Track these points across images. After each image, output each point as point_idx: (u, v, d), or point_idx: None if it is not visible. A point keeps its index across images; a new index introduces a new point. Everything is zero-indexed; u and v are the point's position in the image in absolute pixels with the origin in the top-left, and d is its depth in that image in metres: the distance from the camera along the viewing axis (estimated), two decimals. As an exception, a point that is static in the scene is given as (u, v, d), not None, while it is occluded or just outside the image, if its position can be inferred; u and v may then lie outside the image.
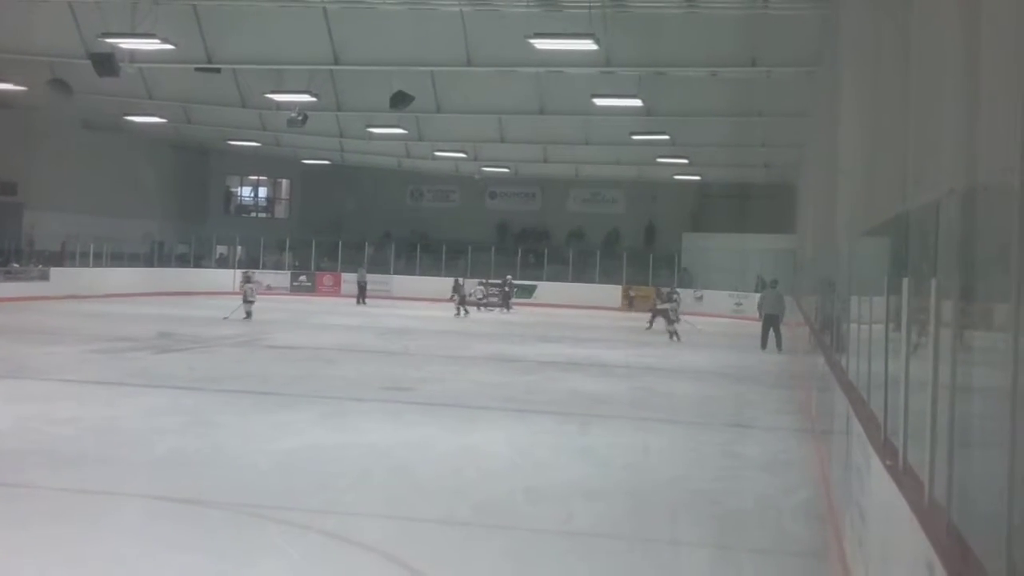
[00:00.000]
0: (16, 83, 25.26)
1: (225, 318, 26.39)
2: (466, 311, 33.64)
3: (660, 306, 28.67)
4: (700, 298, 40.15)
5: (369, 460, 10.10)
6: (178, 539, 7.15)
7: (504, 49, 20.25)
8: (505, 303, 37.92)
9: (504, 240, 47.06)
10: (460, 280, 35.49)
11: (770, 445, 11.84)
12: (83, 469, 9.18)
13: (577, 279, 42.52)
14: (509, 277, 38.87)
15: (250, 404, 13.41)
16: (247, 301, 27.89)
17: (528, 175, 44.23)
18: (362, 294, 38.60)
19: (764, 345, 24.73)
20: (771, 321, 25.03)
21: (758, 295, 29.57)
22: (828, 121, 13.16)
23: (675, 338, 26.13)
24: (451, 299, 33.99)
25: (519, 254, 44.12)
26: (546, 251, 44.44)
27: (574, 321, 33.05)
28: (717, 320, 35.02)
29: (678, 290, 32.96)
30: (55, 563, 6.57)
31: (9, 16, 20.64)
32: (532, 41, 17.50)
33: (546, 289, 42.37)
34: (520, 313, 36.28)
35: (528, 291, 42.37)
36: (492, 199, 49.21)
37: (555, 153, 36.95)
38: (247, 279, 29.09)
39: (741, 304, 38.57)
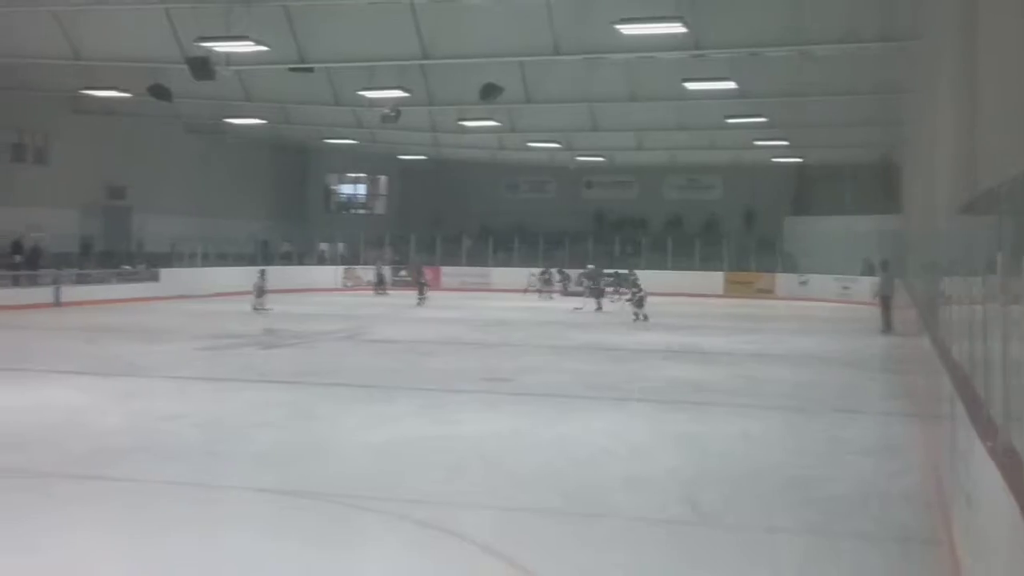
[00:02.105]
0: (119, 90, 26.06)
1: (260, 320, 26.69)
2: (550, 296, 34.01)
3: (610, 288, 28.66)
4: (805, 283, 39.41)
5: (465, 450, 10.18)
6: (277, 529, 7.32)
7: (592, 36, 20.15)
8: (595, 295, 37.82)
9: (601, 229, 46.85)
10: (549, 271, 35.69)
11: (875, 430, 11.56)
12: (189, 462, 9.46)
13: (676, 267, 42.06)
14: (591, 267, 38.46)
15: (349, 397, 13.64)
16: (260, 295, 28.66)
17: (623, 163, 43.96)
18: (381, 284, 39.72)
19: (887, 328, 24.19)
20: (886, 303, 24.59)
21: (866, 278, 28.95)
22: (927, 95, 12.76)
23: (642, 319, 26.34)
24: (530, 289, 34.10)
25: (617, 243, 43.87)
26: (643, 239, 44.09)
27: (673, 309, 32.70)
28: (823, 305, 34.35)
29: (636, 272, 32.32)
30: (159, 556, 6.78)
31: (109, 25, 21.32)
32: (619, 27, 17.36)
33: (645, 277, 41.79)
34: (621, 303, 35.99)
35: (626, 280, 42.01)
36: (588, 188, 49.05)
37: (649, 140, 36.67)
38: (262, 274, 29.72)
39: (848, 288, 37.73)
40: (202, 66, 20.20)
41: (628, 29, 17.82)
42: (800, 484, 8.92)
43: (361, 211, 51.70)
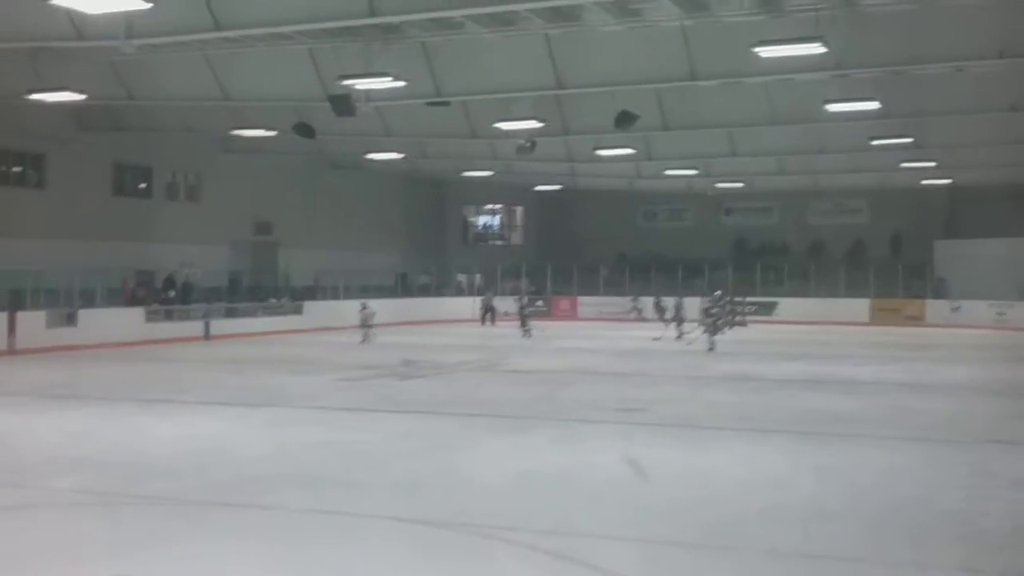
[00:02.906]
0: (266, 128, 27.16)
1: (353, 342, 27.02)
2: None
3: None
4: (957, 309, 37.99)
5: (600, 481, 10.17)
6: (411, 558, 7.45)
7: (728, 60, 19.98)
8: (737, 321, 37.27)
9: (742, 256, 46.16)
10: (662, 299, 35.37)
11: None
12: (329, 491, 9.72)
13: (820, 294, 41.13)
14: (719, 292, 37.64)
15: (486, 427, 13.79)
16: (366, 326, 29.30)
17: (763, 189, 43.29)
18: (491, 316, 38.82)
19: None
20: None
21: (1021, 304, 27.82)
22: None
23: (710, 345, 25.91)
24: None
25: (757, 270, 43.18)
26: (786, 266, 43.27)
27: (817, 338, 31.99)
28: (977, 332, 33.01)
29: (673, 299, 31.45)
30: (301, 578, 6.99)
31: (256, 66, 22.23)
32: (757, 50, 17.18)
33: (787, 305, 41.26)
34: (760, 331, 35.46)
35: (768, 308, 41.43)
36: (728, 215, 48.47)
37: (790, 164, 36.01)
38: (364, 307, 30.36)
39: (1004, 314, 36.21)
40: (343, 103, 20.86)
41: (766, 52, 17.61)
42: (950, 519, 8.59)
43: (498, 242, 52.28)
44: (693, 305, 31.21)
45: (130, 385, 18.81)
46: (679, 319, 30.12)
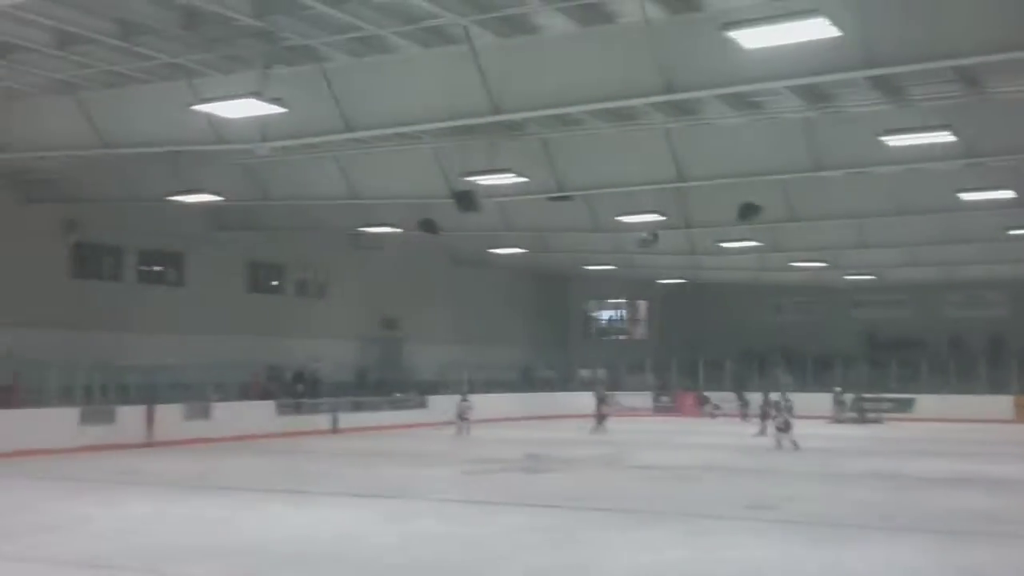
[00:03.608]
0: (391, 225, 27.83)
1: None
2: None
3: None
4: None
5: (730, 578, 9.88)
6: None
7: (854, 150, 19.70)
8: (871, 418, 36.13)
9: (875, 351, 44.83)
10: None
11: None
12: (454, 582, 9.71)
13: (959, 390, 39.55)
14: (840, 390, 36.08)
15: (611, 522, 13.57)
16: (462, 419, 29.93)
17: (895, 280, 42.18)
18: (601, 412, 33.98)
19: None
20: None
21: None
22: None
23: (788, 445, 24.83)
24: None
25: (892, 365, 41.84)
26: (922, 361, 41.81)
27: (958, 435, 30.68)
28: None
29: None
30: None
31: (380, 165, 22.91)
32: (883, 139, 16.92)
33: (925, 402, 39.78)
34: (898, 428, 34.28)
35: (905, 405, 40.01)
36: (857, 308, 47.29)
37: (922, 255, 35.02)
38: (463, 399, 31.21)
39: None
40: (467, 199, 21.28)
41: (893, 141, 17.33)
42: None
43: (621, 336, 52.03)
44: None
45: (261, 476, 19.22)
46: (765, 414, 29.16)
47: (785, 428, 25.67)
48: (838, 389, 38.74)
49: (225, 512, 14.34)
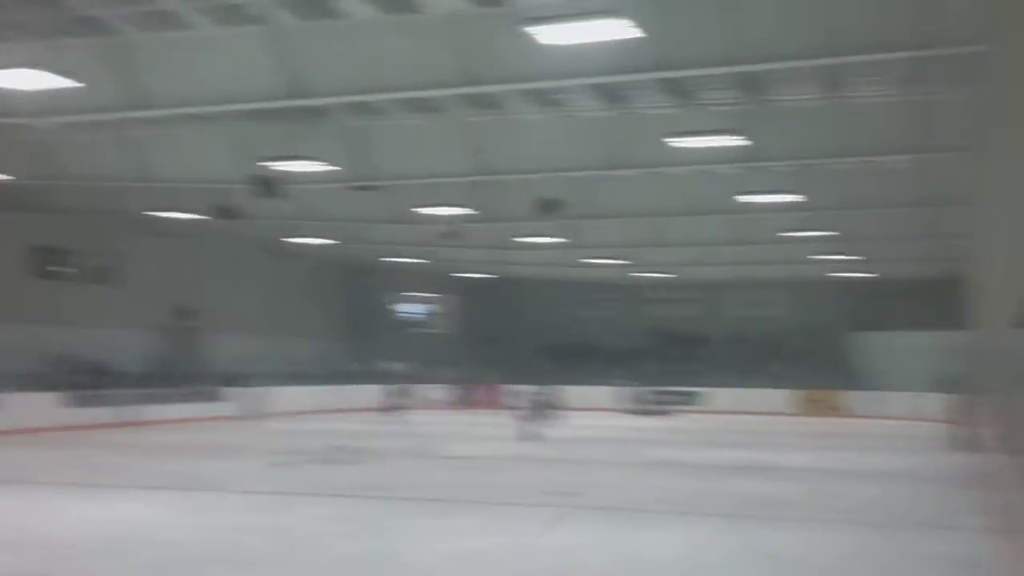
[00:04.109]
0: (185, 211, 26.64)
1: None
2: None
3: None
4: (876, 400, 38.48)
5: (534, 563, 10.06)
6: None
7: (648, 151, 20.23)
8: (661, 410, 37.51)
9: (663, 346, 46.40)
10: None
11: (959, 546, 11.18)
12: (259, 574, 9.49)
13: (742, 384, 41.44)
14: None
15: (418, 510, 13.52)
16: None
17: (688, 279, 43.77)
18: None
19: (960, 444, 23.15)
20: (959, 419, 23.80)
21: (938, 395, 28.41)
22: (993, 207, 12.50)
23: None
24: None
25: (680, 360, 43.41)
26: (708, 356, 43.56)
27: (742, 426, 32.17)
28: (896, 422, 33.52)
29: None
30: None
31: (176, 148, 21.89)
32: (671, 141, 17.41)
33: (710, 395, 41.46)
34: (685, 420, 35.61)
35: (691, 398, 41.60)
36: (649, 304, 48.78)
37: (712, 255, 36.39)
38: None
39: (920, 405, 36.72)
40: (265, 185, 20.66)
41: (682, 143, 17.88)
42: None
43: (425, 330, 51.88)
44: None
45: (48, 469, 18.19)
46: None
47: (532, 419, 25.85)
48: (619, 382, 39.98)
49: (7, 505, 13.52)
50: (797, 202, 23.88)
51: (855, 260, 35.52)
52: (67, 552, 10.26)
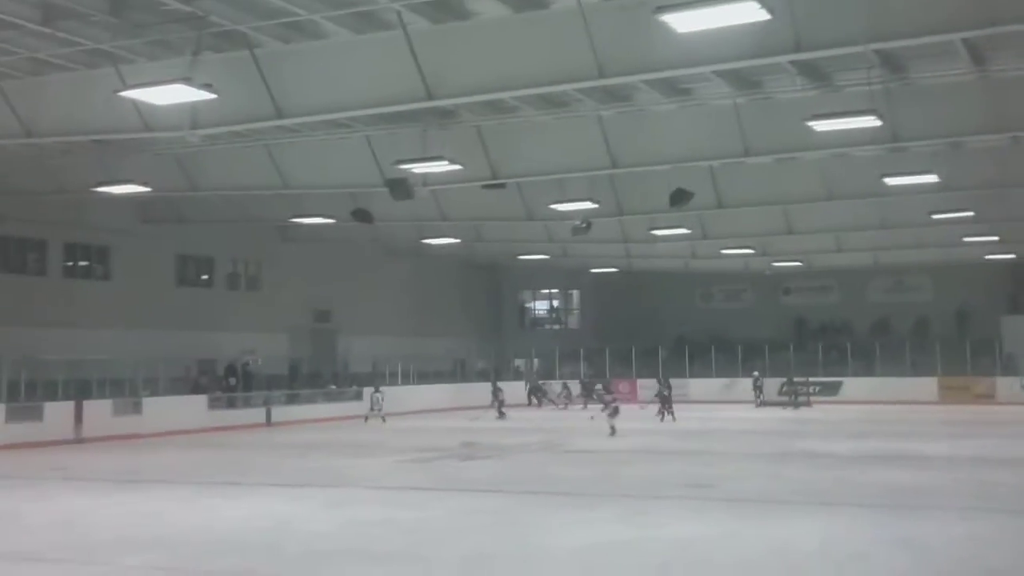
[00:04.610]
0: (323, 216, 27.56)
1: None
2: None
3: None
4: (1025, 386, 37.14)
5: (669, 554, 10.04)
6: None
7: (782, 136, 20.00)
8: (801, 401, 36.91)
9: (802, 337, 45.68)
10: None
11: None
12: (396, 565, 9.71)
13: (885, 373, 40.49)
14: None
15: (550, 504, 13.67)
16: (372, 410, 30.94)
17: (822, 267, 42.94)
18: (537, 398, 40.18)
19: None
20: None
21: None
22: None
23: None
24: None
25: (819, 351, 42.67)
26: (849, 345, 42.69)
27: (885, 416, 31.39)
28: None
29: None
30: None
31: (312, 154, 22.70)
32: (810, 123, 17.20)
33: (851, 385, 40.67)
34: (825, 411, 34.97)
35: (832, 388, 40.87)
36: (787, 295, 48.11)
37: (849, 241, 35.69)
38: (376, 390, 31.83)
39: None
40: (401, 187, 21.19)
41: (820, 126, 17.60)
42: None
43: (555, 326, 52.28)
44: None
45: (195, 469, 18.98)
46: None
47: (614, 413, 25.59)
48: (756, 374, 39.48)
49: (160, 505, 14.12)
50: (940, 183, 23.22)
51: (1003, 241, 34.27)
52: (210, 548, 10.69)
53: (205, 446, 24.02)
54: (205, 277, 34.88)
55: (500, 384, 36.67)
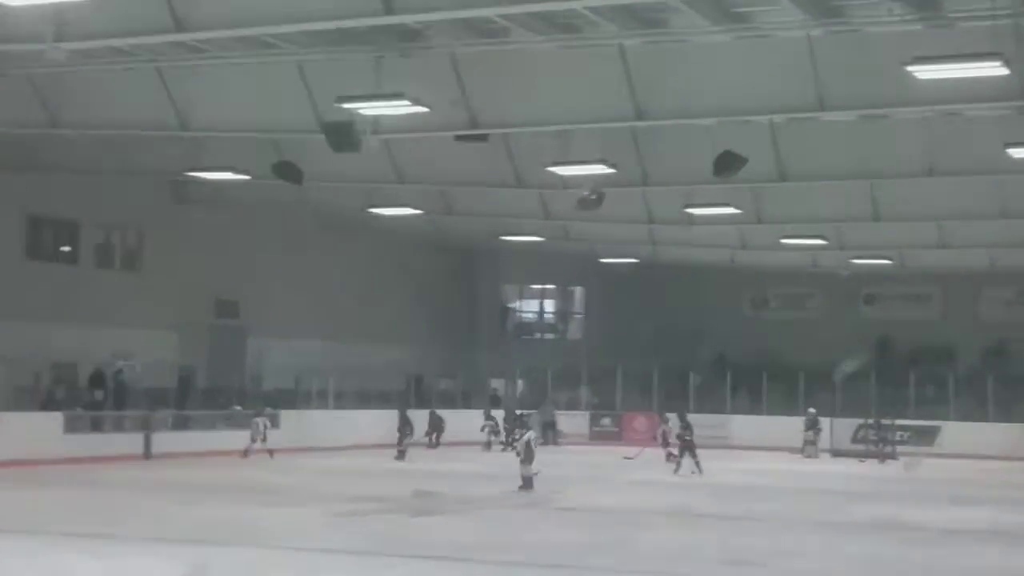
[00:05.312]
0: (233, 170, 27.38)
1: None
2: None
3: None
4: None
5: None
6: None
7: (871, 84, 20.04)
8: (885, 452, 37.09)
9: (888, 363, 45.79)
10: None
11: None
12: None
13: (1000, 417, 40.66)
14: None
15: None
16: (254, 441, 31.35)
17: (919, 268, 43.10)
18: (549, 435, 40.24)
19: None
20: None
21: None
22: None
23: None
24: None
25: (911, 383, 42.79)
26: (951, 378, 42.82)
27: (1000, 476, 31.53)
28: None
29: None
30: None
31: (222, 85, 22.60)
32: (911, 69, 17.23)
33: (953, 432, 40.76)
34: (914, 465, 35.06)
35: (927, 435, 40.96)
36: (868, 305, 48.26)
37: (957, 234, 35.82)
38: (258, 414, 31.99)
39: None
40: (344, 133, 21.12)
41: (925, 72, 17.64)
42: None
43: (549, 336, 52.33)
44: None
45: (43, 515, 18.79)
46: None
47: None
48: (812, 411, 39.49)
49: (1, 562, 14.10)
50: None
51: None
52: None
53: (58, 483, 23.86)
54: (66, 249, 34.76)
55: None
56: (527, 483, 24.22)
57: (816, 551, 16.82)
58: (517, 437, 28.54)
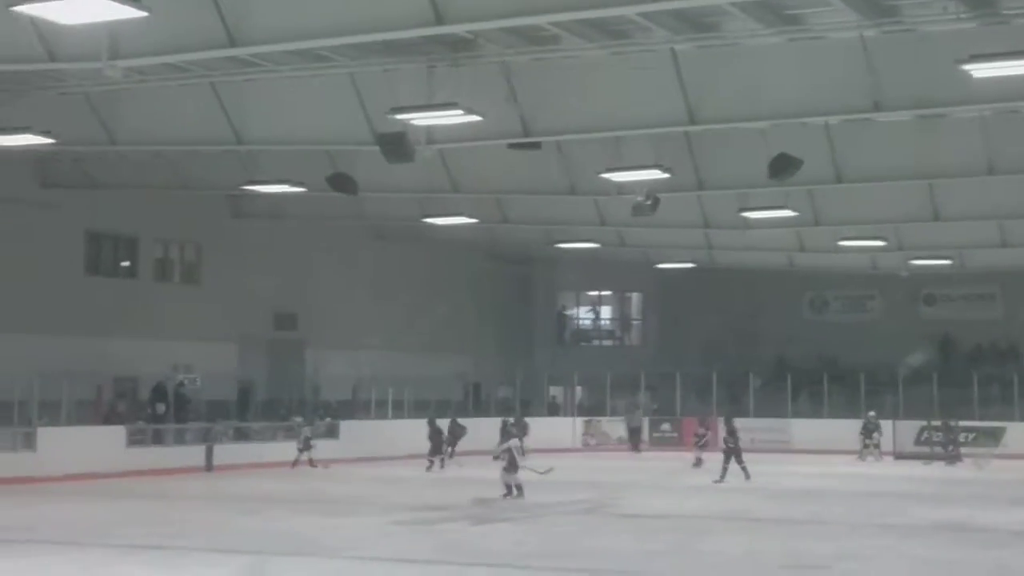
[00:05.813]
0: (290, 183, 27.48)
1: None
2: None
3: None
4: None
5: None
6: None
7: (927, 83, 19.90)
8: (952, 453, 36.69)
9: (951, 364, 45.42)
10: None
11: None
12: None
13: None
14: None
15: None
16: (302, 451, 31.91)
17: (980, 267, 42.71)
18: (635, 441, 41.69)
19: None
20: None
21: None
22: None
23: None
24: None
25: (975, 384, 42.38)
26: (1016, 378, 42.40)
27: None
28: None
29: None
30: None
31: (276, 99, 22.71)
32: (967, 67, 17.11)
33: (1020, 431, 40.38)
34: (980, 467, 34.80)
35: (992, 436, 40.56)
36: (929, 305, 47.91)
37: (1019, 233, 35.49)
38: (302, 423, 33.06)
39: None
40: (398, 145, 21.19)
41: (980, 71, 17.51)
42: None
43: (607, 342, 52.25)
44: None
45: (107, 527, 19.03)
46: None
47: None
48: (872, 414, 39.17)
49: (59, 573, 14.19)
50: None
51: None
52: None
53: (121, 496, 24.18)
54: (126, 264, 35.08)
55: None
56: (511, 491, 24.06)
57: (880, 554, 16.74)
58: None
